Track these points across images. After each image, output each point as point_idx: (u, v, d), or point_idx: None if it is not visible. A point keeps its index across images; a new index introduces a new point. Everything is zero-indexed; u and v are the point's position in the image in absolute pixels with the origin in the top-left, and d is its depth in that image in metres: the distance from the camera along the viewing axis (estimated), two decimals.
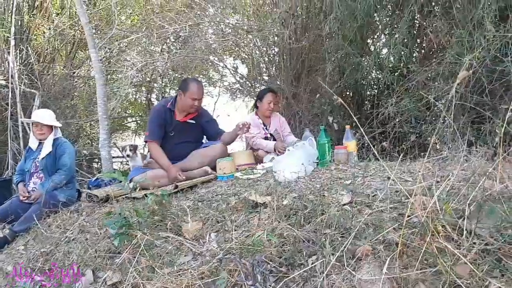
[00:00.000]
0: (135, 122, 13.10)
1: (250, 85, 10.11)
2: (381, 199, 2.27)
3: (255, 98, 5.25)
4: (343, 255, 1.74)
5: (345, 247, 1.75)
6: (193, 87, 3.91)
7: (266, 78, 8.54)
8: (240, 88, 10.85)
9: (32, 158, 4.12)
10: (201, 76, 10.16)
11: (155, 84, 10.82)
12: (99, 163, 11.05)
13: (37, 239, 3.43)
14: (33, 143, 4.16)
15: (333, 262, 1.73)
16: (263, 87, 7.05)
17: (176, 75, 9.96)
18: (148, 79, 10.22)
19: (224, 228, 2.47)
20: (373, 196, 2.43)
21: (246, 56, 8.87)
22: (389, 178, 2.67)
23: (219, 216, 2.64)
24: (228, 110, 10.70)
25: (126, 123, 13.13)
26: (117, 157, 10.13)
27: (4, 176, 7.49)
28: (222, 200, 2.87)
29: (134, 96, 11.50)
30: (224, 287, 1.87)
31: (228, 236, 2.35)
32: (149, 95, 11.35)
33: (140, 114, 12.27)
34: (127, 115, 12.42)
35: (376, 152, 1.79)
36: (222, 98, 11.25)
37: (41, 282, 2.89)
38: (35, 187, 3.99)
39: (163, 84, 10.96)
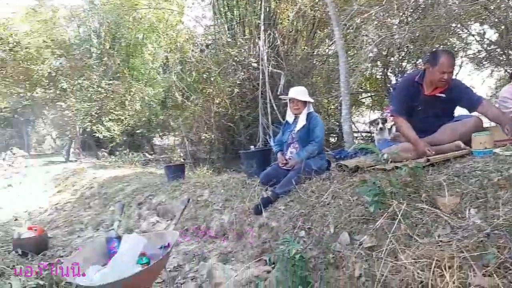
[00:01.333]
0: (370, 98, 13.32)
1: (501, 52, 8.97)
2: None
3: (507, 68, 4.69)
4: None
5: None
6: (443, 59, 3.77)
7: None
8: (488, 56, 9.76)
9: (289, 130, 4.82)
10: (441, 46, 9.57)
11: (392, 59, 10.71)
12: (336, 137, 11.76)
13: (295, 201, 4.02)
14: (289, 117, 4.85)
15: None
16: None
17: (414, 47, 9.63)
18: (384, 53, 10.20)
19: (487, 204, 2.41)
20: None
21: (497, 20, 7.91)
22: None
23: (479, 192, 2.57)
24: (472, 81, 9.80)
25: (361, 99, 13.48)
26: (356, 131, 10.62)
27: (256, 147, 8.75)
28: (481, 176, 2.76)
29: (370, 71, 11.68)
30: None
31: (493, 213, 2.29)
32: (385, 70, 11.33)
33: (376, 89, 12.41)
34: (362, 90, 12.75)
35: None
36: (465, 68, 10.38)
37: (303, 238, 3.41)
38: (291, 156, 4.65)
39: (400, 57, 10.76)
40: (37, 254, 5.03)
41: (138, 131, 14.98)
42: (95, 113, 14.06)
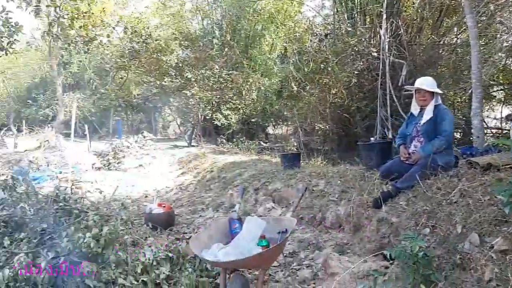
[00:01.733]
0: (503, 91, 12.10)
1: None
2: None
3: None
4: None
5: None
6: None
7: None
8: None
9: (413, 123, 4.61)
10: None
11: None
12: (461, 133, 10.94)
13: (419, 197, 3.88)
14: (415, 109, 4.64)
15: None
16: None
17: None
18: None
19: None
20: None
21: None
22: None
23: None
24: None
25: (491, 92, 12.31)
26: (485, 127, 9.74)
27: (374, 139, 8.53)
28: None
29: (504, 62, 10.59)
30: None
31: None
32: None
33: (510, 82, 11.23)
34: (494, 83, 11.62)
35: None
36: None
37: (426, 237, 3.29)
38: (415, 150, 4.46)
39: None
40: (165, 228, 5.55)
41: (253, 120, 15.53)
42: (215, 101, 14.90)
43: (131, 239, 4.46)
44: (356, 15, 11.02)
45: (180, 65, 15.82)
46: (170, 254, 4.01)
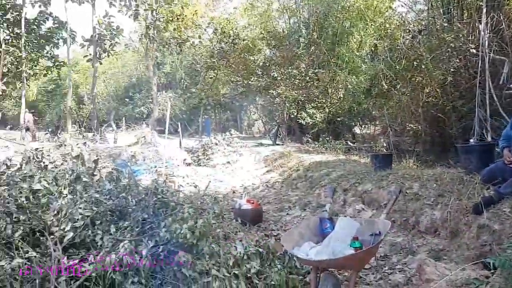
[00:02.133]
0: None
1: None
2: None
3: None
4: None
5: None
6: None
7: None
8: None
9: None
10: None
11: None
12: None
13: None
14: None
15: None
16: None
17: None
18: None
19: None
20: None
21: None
22: None
23: None
24: None
25: None
26: None
27: (471, 141, 8.00)
28: None
29: None
30: None
31: None
32: None
33: None
34: None
35: None
36: None
37: None
38: None
39: None
40: (253, 224, 5.68)
41: (339, 119, 15.29)
42: (300, 100, 14.92)
43: (223, 232, 4.63)
44: (452, 9, 10.40)
45: (267, 64, 16.06)
46: (261, 250, 4.10)
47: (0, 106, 31.11)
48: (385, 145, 11.13)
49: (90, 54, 20.42)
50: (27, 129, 17.69)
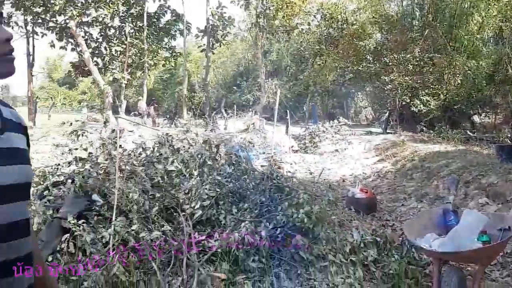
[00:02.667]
0: None
1: None
2: None
3: None
4: None
5: None
6: None
7: None
8: None
9: None
10: None
11: None
12: None
13: None
14: None
15: None
16: None
17: None
18: None
19: None
20: None
21: None
22: None
23: None
24: None
25: None
26: None
27: None
28: None
29: None
30: None
31: None
32: None
33: None
34: None
35: None
36: None
37: None
38: None
39: None
40: (367, 213, 5.65)
41: (455, 107, 14.26)
42: (413, 86, 14.21)
43: (338, 219, 4.71)
44: None
45: (378, 49, 15.54)
46: (378, 239, 4.10)
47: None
48: (509, 135, 10.19)
49: (204, 45, 21.56)
50: (148, 115, 19.35)
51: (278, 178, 5.27)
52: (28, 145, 1.16)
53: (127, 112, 23.52)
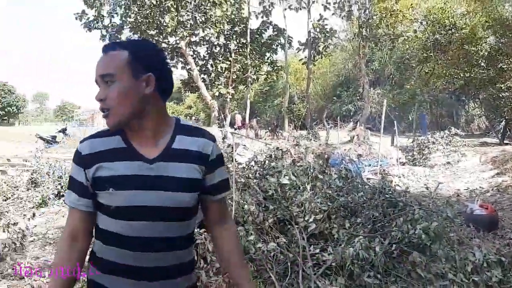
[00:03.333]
0: None
1: None
2: None
3: None
4: None
5: None
6: None
7: None
8: None
9: None
10: None
11: None
12: None
13: None
14: None
15: None
16: None
17: None
18: None
19: None
20: None
21: None
22: None
23: None
24: None
25: None
26: None
27: None
28: None
29: None
30: None
31: None
32: None
33: None
34: None
35: None
36: None
37: None
38: None
39: None
40: (488, 231, 5.28)
41: None
42: None
43: (457, 237, 4.48)
44: None
45: (493, 53, 14.43)
46: (503, 258, 3.84)
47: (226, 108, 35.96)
48: None
49: (305, 57, 21.83)
50: (250, 127, 20.04)
51: (391, 192, 5.16)
52: (210, 168, 1.35)
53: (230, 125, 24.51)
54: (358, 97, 25.24)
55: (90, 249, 1.38)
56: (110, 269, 1.27)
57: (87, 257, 1.37)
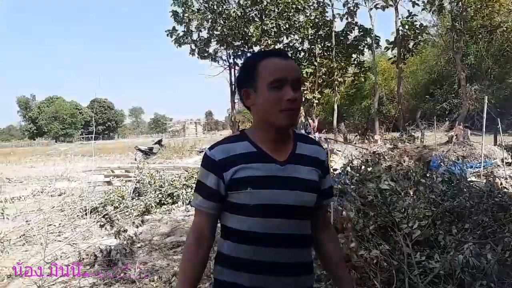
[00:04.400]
0: None
1: None
2: None
3: None
4: None
5: None
6: None
7: None
8: None
9: None
10: None
11: None
12: None
13: None
14: None
15: None
16: None
17: None
18: None
19: None
20: None
21: None
22: None
23: None
24: None
25: None
26: None
27: None
28: None
29: None
30: None
31: None
32: None
33: None
34: None
35: None
36: None
37: None
38: None
39: None
40: None
41: None
42: None
43: None
44: None
45: None
46: None
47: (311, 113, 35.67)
48: None
49: (394, 56, 21.04)
50: (338, 131, 19.75)
51: (500, 195, 4.83)
52: (324, 173, 1.45)
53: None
54: (453, 95, 23.72)
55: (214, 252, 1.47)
56: (246, 267, 1.34)
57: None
